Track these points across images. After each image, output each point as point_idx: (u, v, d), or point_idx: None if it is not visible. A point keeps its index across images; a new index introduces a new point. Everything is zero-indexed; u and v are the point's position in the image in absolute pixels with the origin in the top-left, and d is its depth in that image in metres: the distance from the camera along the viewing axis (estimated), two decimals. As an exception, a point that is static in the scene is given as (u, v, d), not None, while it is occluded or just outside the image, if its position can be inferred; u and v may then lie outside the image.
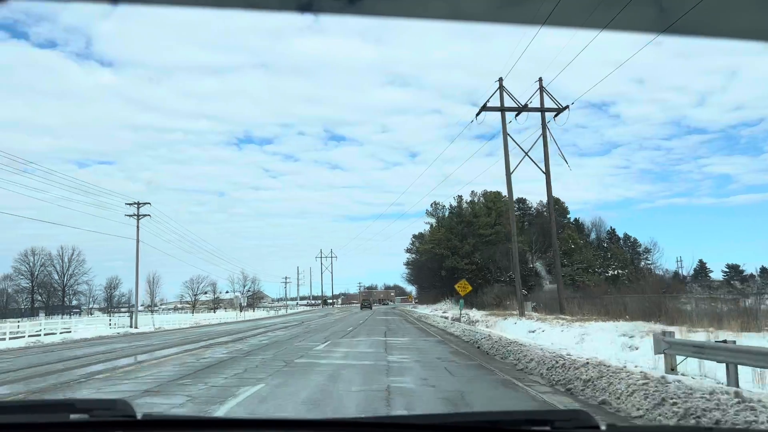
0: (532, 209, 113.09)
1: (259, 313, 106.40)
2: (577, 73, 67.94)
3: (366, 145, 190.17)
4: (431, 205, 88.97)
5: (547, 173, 33.81)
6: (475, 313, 48.31)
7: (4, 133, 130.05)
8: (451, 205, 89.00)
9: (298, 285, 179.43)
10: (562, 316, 30.81)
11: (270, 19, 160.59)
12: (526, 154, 33.87)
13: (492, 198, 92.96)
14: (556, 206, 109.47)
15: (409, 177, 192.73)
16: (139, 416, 2.10)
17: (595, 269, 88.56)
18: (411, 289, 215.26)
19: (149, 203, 45.52)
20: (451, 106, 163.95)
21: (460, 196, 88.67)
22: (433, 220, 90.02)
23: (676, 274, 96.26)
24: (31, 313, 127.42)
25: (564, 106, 32.85)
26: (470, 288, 32.52)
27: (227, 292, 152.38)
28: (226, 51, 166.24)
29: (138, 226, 45.27)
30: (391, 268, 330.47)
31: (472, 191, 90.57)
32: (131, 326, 45.14)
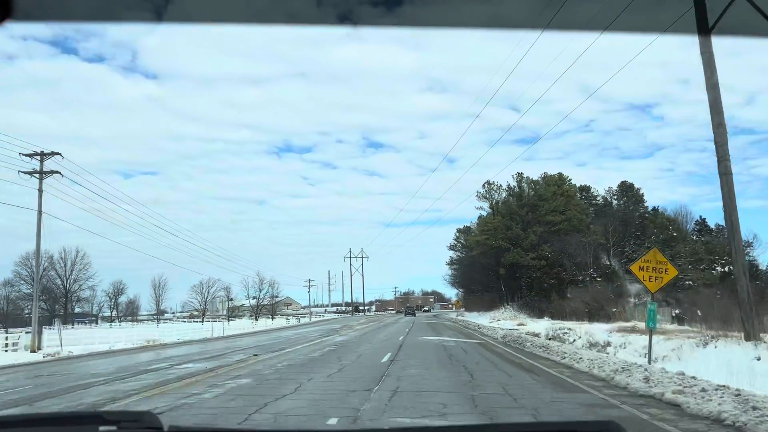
0: (599, 198, 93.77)
1: (278, 322, 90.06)
2: (621, 75, 49.77)
3: (404, 151, 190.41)
4: (483, 185, 70.81)
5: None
6: (589, 328, 29.66)
7: (55, 145, 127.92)
8: (509, 186, 70.70)
9: (329, 290, 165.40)
10: None
11: (308, 29, 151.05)
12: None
13: (555, 181, 74.25)
14: (629, 192, 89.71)
15: (447, 182, 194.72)
16: (165, 428, 2.14)
17: (699, 266, 68.95)
18: (453, 293, 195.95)
19: (59, 154, 28.75)
20: (489, 111, 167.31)
21: (519, 174, 70.36)
22: (485, 205, 71.75)
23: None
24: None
25: None
26: (675, 272, 14.21)
27: (254, 298, 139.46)
28: (266, 61, 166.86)
29: (41, 188, 28.54)
30: (428, 274, 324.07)
31: (523, 174, 72.20)
32: (36, 347, 28.45)
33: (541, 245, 64.55)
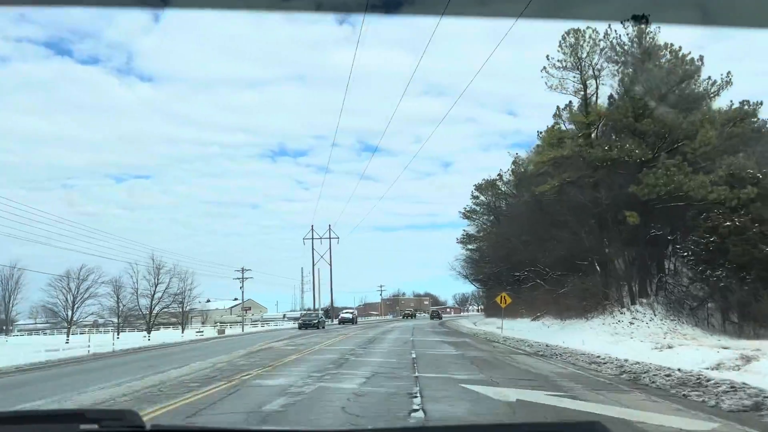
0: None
1: (187, 335, 51.75)
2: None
3: (399, 155, 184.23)
4: (565, 36, 31.83)
5: None
6: None
7: (48, 149, 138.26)
8: (612, 43, 31.84)
9: (302, 292, 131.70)
10: None
11: (308, 31, 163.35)
12: None
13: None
14: None
15: (442, 187, 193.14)
16: (147, 427, 2.12)
17: None
18: (467, 291, 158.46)
19: None
20: (486, 115, 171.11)
21: (641, 19, 31.90)
22: (572, 80, 32.45)
23: None
24: None
25: None
26: None
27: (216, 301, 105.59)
28: (264, 64, 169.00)
29: None
30: (419, 277, 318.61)
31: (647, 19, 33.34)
32: None
33: (722, 156, 26.11)
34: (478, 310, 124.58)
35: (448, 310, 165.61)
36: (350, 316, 68.76)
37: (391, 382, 11.16)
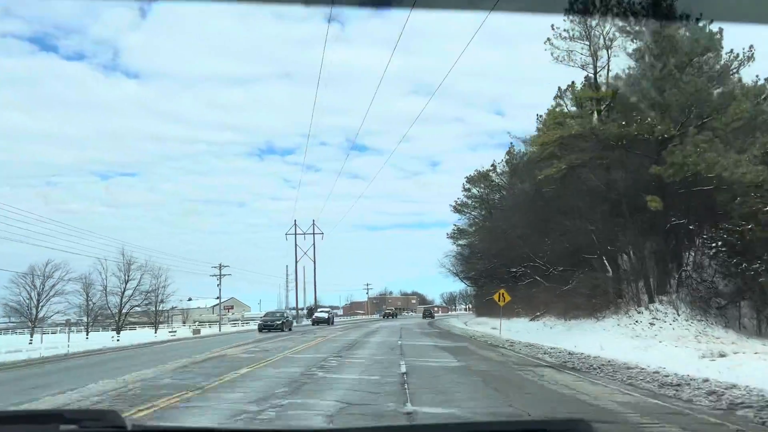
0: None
1: (163, 334, 47.81)
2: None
3: (387, 154, 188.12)
4: (573, 2, 28.37)
5: None
6: None
7: (33, 146, 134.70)
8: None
9: (287, 291, 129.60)
10: None
11: (295, 29, 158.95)
12: None
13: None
14: None
15: (430, 186, 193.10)
16: (129, 427, 2.06)
17: None
18: (454, 290, 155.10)
19: None
20: (474, 115, 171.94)
21: (656, -16, 28.41)
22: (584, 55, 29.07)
23: None
24: None
25: None
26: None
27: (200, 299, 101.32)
28: (252, 62, 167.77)
29: None
30: (406, 276, 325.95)
31: None
32: None
33: (755, 133, 22.96)
34: (466, 309, 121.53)
35: (435, 308, 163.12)
36: (326, 315, 63.16)
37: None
